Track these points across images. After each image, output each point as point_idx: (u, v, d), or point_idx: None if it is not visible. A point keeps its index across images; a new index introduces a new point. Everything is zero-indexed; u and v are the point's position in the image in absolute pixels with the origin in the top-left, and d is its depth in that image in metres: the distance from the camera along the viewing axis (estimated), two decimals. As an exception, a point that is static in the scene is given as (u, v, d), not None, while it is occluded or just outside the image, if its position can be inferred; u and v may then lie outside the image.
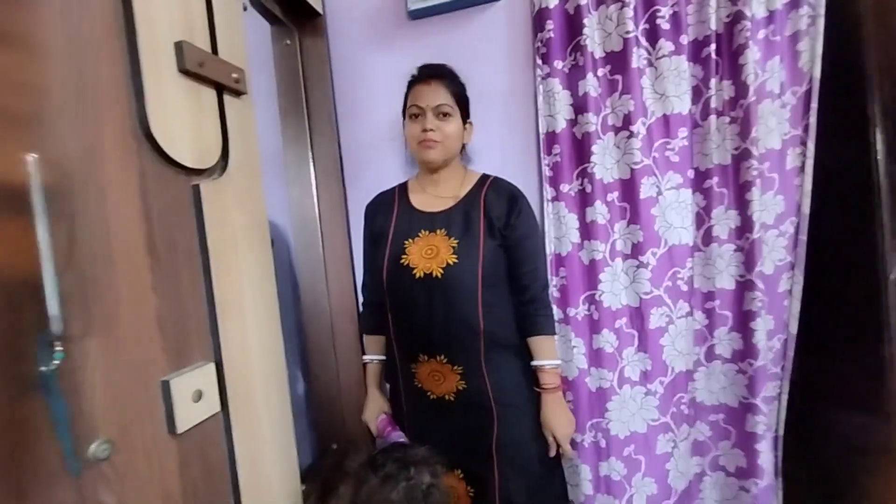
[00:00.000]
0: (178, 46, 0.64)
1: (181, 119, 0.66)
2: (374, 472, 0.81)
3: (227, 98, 0.76)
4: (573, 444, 1.22)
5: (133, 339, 0.57)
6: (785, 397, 1.15)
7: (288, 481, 0.87)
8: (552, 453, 1.02)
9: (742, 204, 1.11)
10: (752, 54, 1.05)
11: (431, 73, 1.03)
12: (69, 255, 0.49)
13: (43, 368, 0.45)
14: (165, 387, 0.60)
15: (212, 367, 0.69)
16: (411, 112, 1.03)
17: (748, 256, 1.11)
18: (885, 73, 1.09)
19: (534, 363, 1.02)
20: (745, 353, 1.14)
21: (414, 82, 1.05)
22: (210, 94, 0.72)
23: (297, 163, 1.37)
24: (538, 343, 1.02)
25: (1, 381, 0.43)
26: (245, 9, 0.94)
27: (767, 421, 1.14)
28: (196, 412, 0.65)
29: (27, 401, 0.45)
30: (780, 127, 1.09)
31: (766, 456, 1.15)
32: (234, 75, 0.76)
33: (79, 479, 0.49)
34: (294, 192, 1.38)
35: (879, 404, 1.15)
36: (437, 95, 1.00)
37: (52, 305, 0.45)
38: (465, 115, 1.06)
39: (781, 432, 1.17)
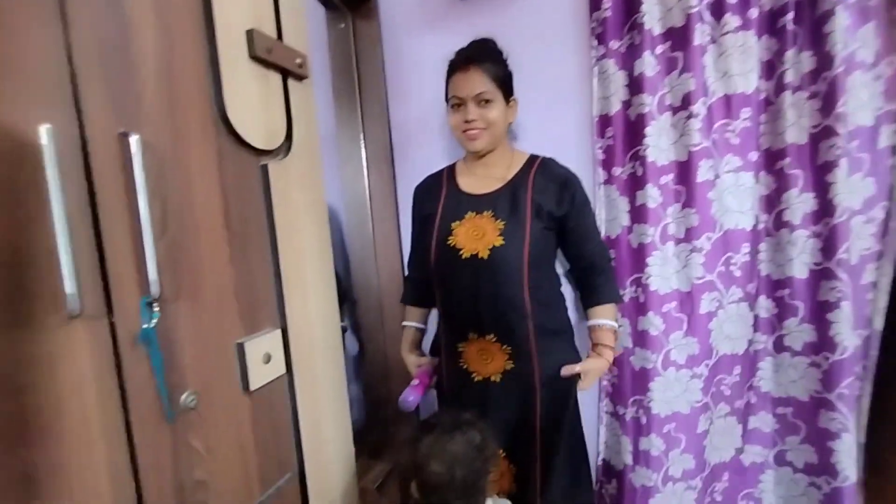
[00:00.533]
0: (250, 34, 0.69)
1: (252, 103, 0.71)
2: (429, 432, 0.86)
3: (290, 82, 0.80)
4: (617, 416, 1.24)
5: (214, 304, 0.63)
6: (867, 400, 1.09)
7: (342, 441, 0.94)
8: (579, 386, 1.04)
9: (821, 187, 1.04)
10: (841, 21, 0.97)
11: (468, 59, 1.00)
12: (163, 227, 0.55)
13: (145, 326, 0.52)
14: (241, 349, 0.67)
15: (278, 333, 0.75)
16: (452, 102, 1.03)
17: (827, 243, 1.05)
18: None
19: (591, 322, 1.06)
20: (820, 346, 1.09)
21: (452, 70, 1.03)
22: (276, 79, 0.77)
23: (349, 144, 1.42)
24: (600, 310, 1.05)
25: (111, 336, 0.49)
26: (305, -6, 0.98)
27: (843, 419, 1.08)
28: (266, 372, 0.71)
29: (134, 352, 0.52)
30: (873, 101, 1.00)
31: (842, 455, 1.09)
32: (298, 61, 0.80)
33: (174, 425, 0.56)
34: (346, 173, 1.44)
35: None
36: (476, 84, 0.98)
37: (152, 270, 0.51)
38: (508, 94, 1.03)
39: (863, 439, 1.11)
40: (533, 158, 1.07)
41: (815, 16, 1.00)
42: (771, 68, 1.05)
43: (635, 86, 1.11)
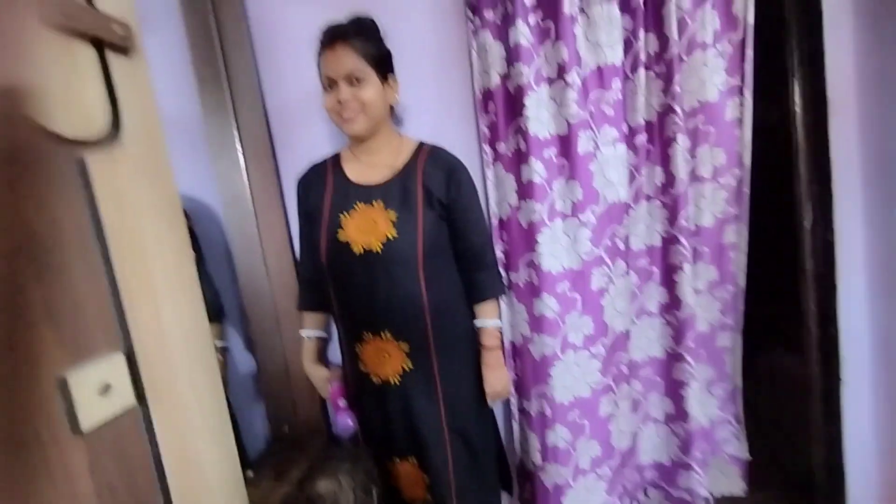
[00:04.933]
0: (36, -7, 0.55)
1: (51, 81, 0.57)
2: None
3: (112, 57, 0.67)
4: (524, 413, 1.25)
5: (16, 334, 0.50)
6: (739, 350, 1.20)
7: (226, 470, 0.83)
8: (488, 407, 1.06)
9: (666, 160, 1.12)
10: (679, 2, 1.04)
11: (335, 36, 0.94)
12: None
13: None
14: (62, 383, 0.54)
15: (120, 357, 0.62)
16: (324, 83, 0.96)
17: (672, 212, 1.14)
18: (803, 21, 1.12)
19: (476, 323, 1.04)
20: (671, 305, 1.18)
21: (321, 49, 0.96)
22: (88, 53, 0.63)
23: (220, 134, 1.26)
24: (484, 306, 1.03)
25: None
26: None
27: (692, 370, 1.18)
28: (104, 407, 0.59)
29: None
30: (717, 77, 1.09)
31: (693, 401, 1.20)
32: (118, 30, 0.66)
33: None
34: (220, 167, 1.28)
35: (799, 338, 1.25)
36: (345, 61, 0.92)
37: None
38: (385, 72, 0.98)
39: (740, 383, 1.23)
40: (421, 146, 1.03)
41: (657, -3, 1.06)
42: (629, 45, 1.11)
43: (512, 56, 1.10)
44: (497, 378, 1.04)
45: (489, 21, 1.09)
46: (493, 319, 1.04)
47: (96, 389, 0.58)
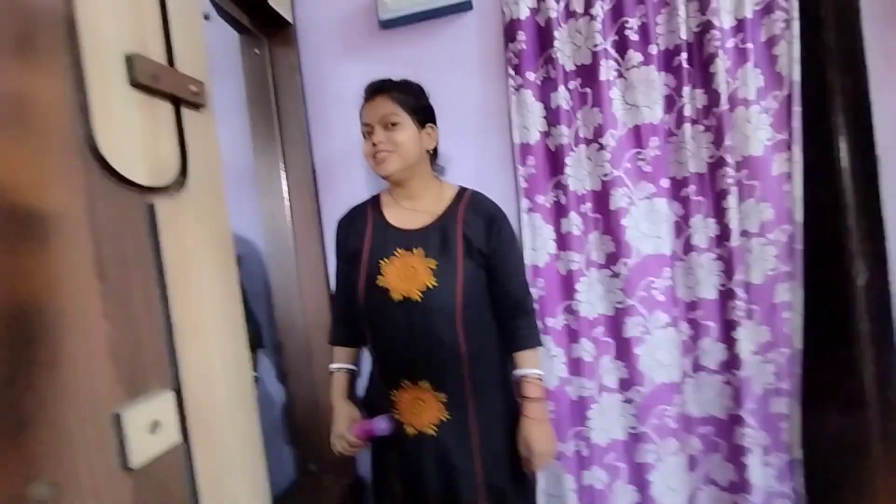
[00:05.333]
0: (129, 59, 0.61)
1: (133, 135, 0.62)
2: None
3: (185, 111, 0.73)
4: (557, 454, 1.21)
5: (82, 370, 0.53)
6: (798, 417, 1.14)
7: (257, 510, 0.83)
8: (528, 468, 0.98)
9: (720, 212, 1.12)
10: (722, 63, 1.06)
11: (375, 90, 0.99)
12: (10, 293, 0.45)
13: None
14: (117, 420, 0.57)
15: (170, 395, 0.65)
16: (363, 132, 1.01)
17: (728, 265, 1.12)
18: (848, 78, 1.12)
19: (517, 372, 1.01)
20: (730, 363, 1.14)
21: (363, 101, 1.02)
22: (166, 109, 0.69)
23: (268, 174, 1.34)
24: (525, 355, 1.01)
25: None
26: (207, 18, 0.91)
27: (755, 434, 1.13)
28: (153, 444, 0.61)
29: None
30: (762, 133, 1.09)
31: (756, 471, 1.13)
32: (193, 88, 0.73)
33: (15, 528, 0.45)
34: (266, 205, 1.35)
35: (857, 400, 1.16)
36: (381, 107, 0.97)
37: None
38: (423, 121, 1.01)
39: (799, 455, 1.15)
40: (462, 192, 1.04)
41: (703, 57, 1.10)
42: (671, 102, 1.13)
43: (553, 117, 1.15)
44: (544, 435, 0.96)
45: (530, 82, 1.14)
46: (535, 369, 1.00)
47: (147, 427, 0.60)
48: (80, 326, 0.54)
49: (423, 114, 1.01)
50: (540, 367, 1.02)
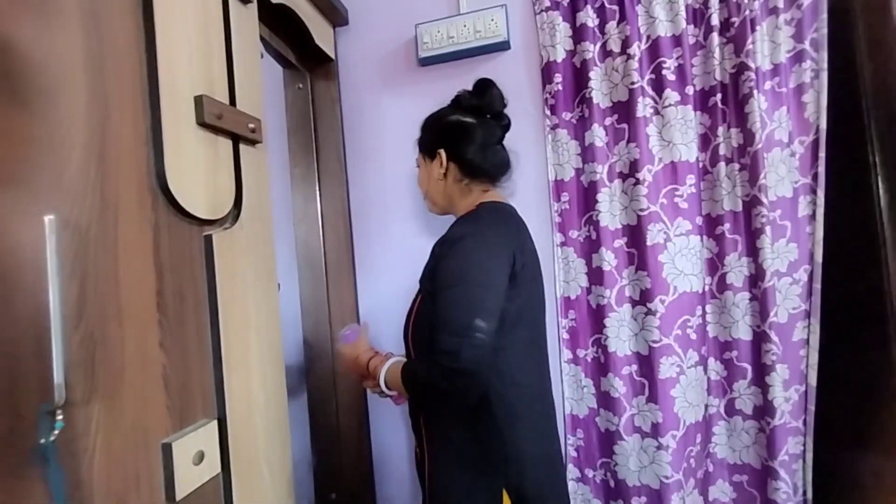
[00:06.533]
0: (199, 100, 0.65)
1: (197, 171, 0.66)
2: None
3: (242, 147, 0.76)
4: (585, 479, 1.20)
5: (137, 399, 0.54)
6: (810, 456, 1.10)
7: (287, 544, 0.82)
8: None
9: (754, 251, 1.11)
10: (758, 103, 1.07)
11: None
12: (79, 317, 0.47)
13: (42, 441, 0.43)
14: (167, 450, 0.57)
15: (214, 425, 0.66)
16: None
17: (762, 306, 1.10)
18: (885, 125, 1.11)
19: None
20: (764, 409, 1.11)
21: None
22: (226, 145, 0.72)
23: (304, 202, 1.37)
24: (398, 364, 0.85)
25: (-3, 455, 0.40)
26: (262, 56, 0.96)
27: (787, 488, 1.08)
28: (197, 475, 0.61)
29: (24, 475, 0.42)
30: (790, 175, 1.10)
31: None
32: (251, 125, 0.76)
33: (71, 559, 0.46)
34: (301, 232, 1.38)
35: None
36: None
37: (57, 373, 0.43)
38: (431, 151, 0.95)
39: (810, 495, 1.11)
40: (474, 208, 0.92)
41: (738, 98, 1.10)
42: (706, 141, 1.14)
43: (587, 154, 1.16)
44: (355, 365, 0.92)
45: (565, 121, 1.16)
46: (395, 370, 0.83)
47: (193, 457, 0.61)
48: (138, 356, 0.56)
49: (428, 145, 0.97)
50: (395, 378, 0.83)
